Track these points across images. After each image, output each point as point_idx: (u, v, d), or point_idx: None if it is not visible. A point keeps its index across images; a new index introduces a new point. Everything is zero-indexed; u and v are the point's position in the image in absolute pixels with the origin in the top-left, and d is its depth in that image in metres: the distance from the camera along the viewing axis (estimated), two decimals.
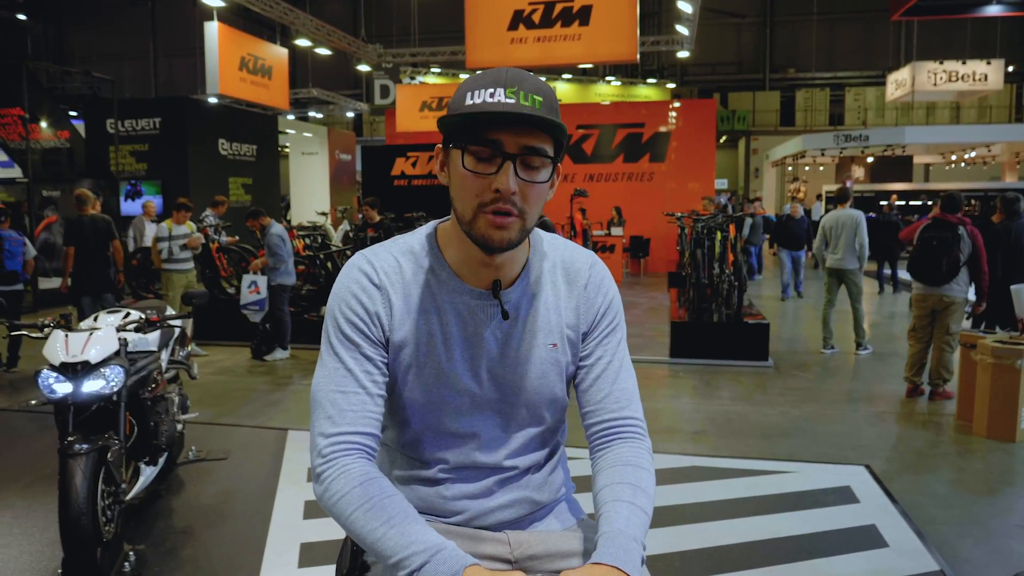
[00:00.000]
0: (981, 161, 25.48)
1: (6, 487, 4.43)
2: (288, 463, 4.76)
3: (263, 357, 7.89)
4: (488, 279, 1.26)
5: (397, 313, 1.26)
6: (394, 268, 1.28)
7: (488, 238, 1.18)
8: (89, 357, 3.35)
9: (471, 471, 1.31)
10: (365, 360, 1.24)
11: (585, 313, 1.34)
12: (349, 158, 23.42)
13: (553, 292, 1.33)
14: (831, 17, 28.49)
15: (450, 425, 1.29)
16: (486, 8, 9.71)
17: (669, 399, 6.32)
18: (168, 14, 31.08)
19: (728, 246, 8.53)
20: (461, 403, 1.28)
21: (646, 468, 1.27)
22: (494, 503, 1.32)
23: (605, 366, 1.33)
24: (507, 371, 1.29)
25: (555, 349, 1.31)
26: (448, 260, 1.28)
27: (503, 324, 1.28)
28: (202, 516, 4.00)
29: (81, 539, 3.08)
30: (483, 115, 1.12)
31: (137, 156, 15.34)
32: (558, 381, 1.32)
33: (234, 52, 14.21)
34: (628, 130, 16.36)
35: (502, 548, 1.30)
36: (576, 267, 1.35)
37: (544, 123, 1.14)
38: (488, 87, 1.14)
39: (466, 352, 1.27)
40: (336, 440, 1.20)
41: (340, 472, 1.17)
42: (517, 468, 1.33)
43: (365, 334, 1.24)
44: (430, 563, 1.06)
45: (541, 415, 1.33)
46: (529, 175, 1.17)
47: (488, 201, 1.16)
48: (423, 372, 1.26)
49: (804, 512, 3.90)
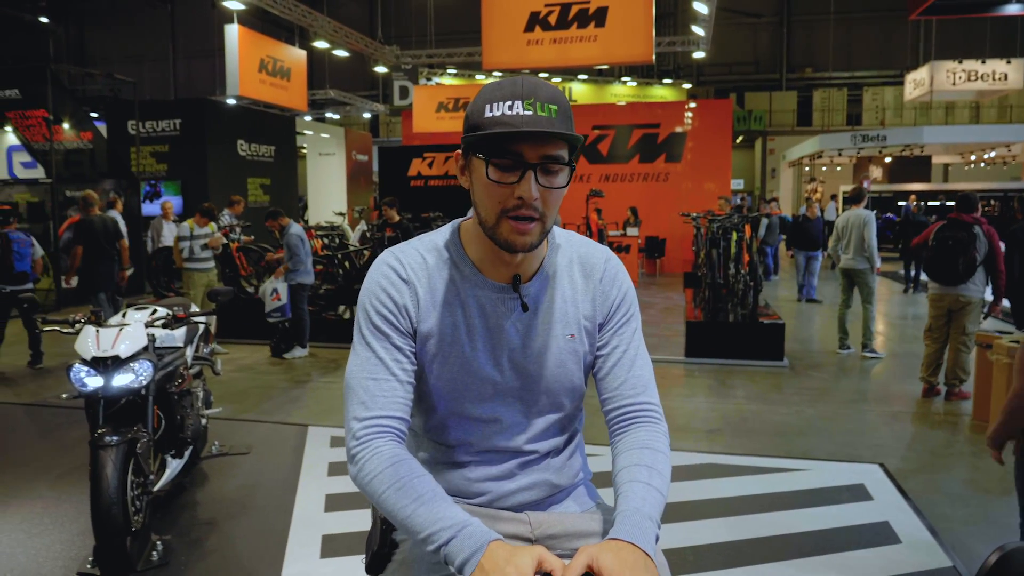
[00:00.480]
0: (1001, 161, 25.25)
1: (37, 479, 4.55)
2: (309, 458, 4.85)
3: (282, 355, 8.00)
4: (508, 274, 1.34)
5: (423, 305, 1.33)
6: (420, 264, 1.36)
7: (511, 242, 1.26)
8: (119, 352, 3.45)
9: (493, 454, 1.39)
10: (395, 349, 1.32)
11: (601, 305, 1.41)
12: (366, 159, 23.57)
13: (570, 285, 1.40)
14: (849, 16, 28.34)
15: (473, 411, 1.36)
16: (502, 10, 9.78)
17: (684, 398, 6.36)
18: (187, 16, 31.42)
19: (744, 246, 8.56)
20: (484, 390, 1.35)
21: (662, 451, 1.33)
22: (515, 485, 1.39)
23: (621, 355, 1.40)
24: (527, 360, 1.36)
25: (573, 339, 1.38)
26: (471, 256, 1.36)
27: (523, 316, 1.35)
28: (226, 508, 4.10)
29: (112, 528, 3.18)
30: (506, 134, 1.19)
31: (158, 157, 15.52)
32: (576, 370, 1.39)
33: (254, 54, 14.37)
34: (644, 130, 16.37)
35: (523, 527, 1.37)
36: (592, 261, 1.43)
37: (561, 135, 1.21)
38: (507, 99, 1.21)
39: (488, 343, 1.34)
40: (369, 423, 1.28)
41: (373, 453, 1.25)
42: (537, 452, 1.40)
43: (394, 325, 1.33)
44: (456, 538, 1.13)
45: (560, 402, 1.40)
46: (548, 181, 1.24)
47: (511, 207, 1.23)
48: (448, 361, 1.34)
49: (818, 509, 3.94)
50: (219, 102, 17.85)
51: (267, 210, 8.29)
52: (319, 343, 8.45)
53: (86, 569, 3.39)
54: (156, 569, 3.41)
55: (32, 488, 4.41)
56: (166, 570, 3.41)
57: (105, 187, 13.50)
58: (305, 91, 16.57)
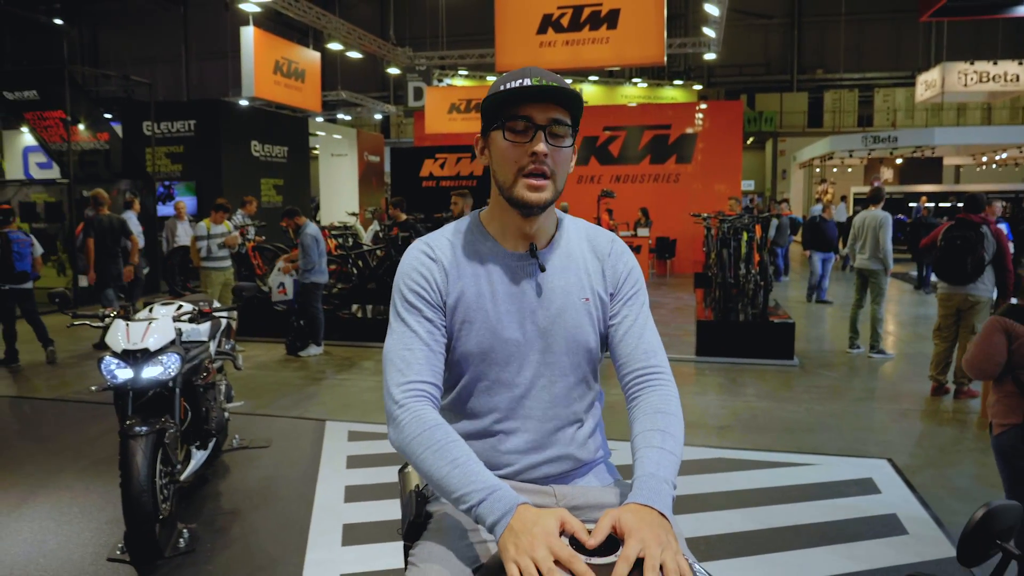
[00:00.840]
0: (1013, 162, 25.18)
1: (63, 470, 4.68)
2: (328, 451, 4.97)
3: (297, 353, 8.12)
4: (525, 244, 1.51)
5: (451, 278, 1.49)
6: (447, 244, 1.53)
7: (526, 199, 1.43)
8: (148, 345, 3.57)
9: (520, 421, 1.50)
10: (426, 322, 1.47)
11: (611, 278, 1.56)
12: (377, 159, 23.72)
13: (581, 256, 1.56)
14: (860, 17, 28.29)
15: (499, 373, 1.49)
16: (516, 12, 9.89)
17: (695, 395, 6.44)
18: (199, 18, 31.66)
19: (754, 246, 8.63)
20: (508, 351, 1.48)
21: (674, 413, 1.46)
22: (541, 458, 1.50)
23: (631, 323, 1.55)
24: (547, 320, 1.49)
25: (587, 303, 1.52)
26: (491, 232, 1.53)
27: (541, 279, 1.50)
28: (248, 499, 4.21)
29: (142, 514, 3.30)
30: (517, 91, 1.40)
31: (172, 157, 15.71)
32: (592, 332, 1.53)
33: (269, 56, 14.53)
34: (655, 132, 16.44)
35: (548, 499, 1.47)
36: (599, 240, 1.60)
37: (563, 95, 1.41)
38: (517, 78, 1.42)
39: (511, 306, 1.48)
40: (407, 387, 1.41)
41: (412, 417, 1.37)
42: (560, 418, 1.51)
43: (425, 299, 1.48)
44: (487, 500, 1.24)
45: (579, 363, 1.53)
46: (556, 142, 1.43)
47: (526, 164, 1.42)
48: (474, 326, 1.48)
49: (827, 501, 4.02)
50: (233, 103, 18.03)
51: (283, 209, 8.44)
52: (333, 342, 8.57)
53: (116, 555, 3.51)
54: (183, 556, 3.52)
55: (59, 479, 4.54)
56: (192, 557, 3.53)
57: (121, 187, 13.68)
58: (319, 92, 16.73)
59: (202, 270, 8.40)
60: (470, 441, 1.50)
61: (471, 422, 1.53)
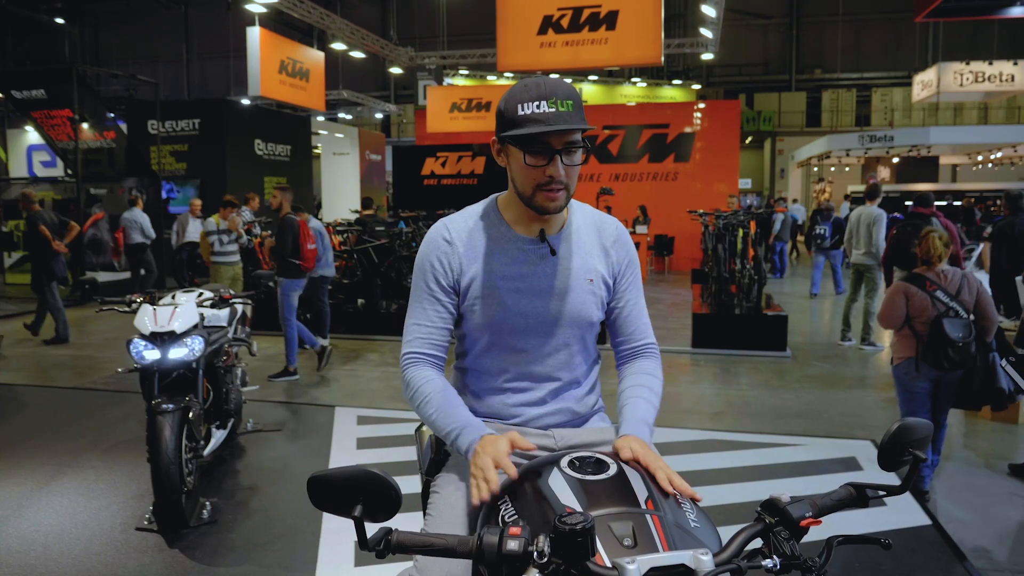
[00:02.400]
0: (1008, 162, 25.42)
1: (87, 451, 4.91)
2: (338, 434, 5.21)
3: (303, 345, 8.33)
4: (537, 230, 1.71)
5: (466, 261, 1.71)
6: (464, 227, 1.74)
7: (545, 207, 1.64)
8: (175, 328, 3.81)
9: (527, 381, 1.73)
10: (435, 301, 1.71)
11: (616, 263, 1.78)
12: (379, 158, 23.95)
13: (588, 241, 1.77)
14: (857, 18, 28.52)
15: (510, 341, 1.72)
16: (516, 14, 10.12)
17: (690, 384, 6.67)
18: (201, 17, 31.87)
19: (748, 242, 8.87)
20: (518, 323, 1.70)
21: (658, 376, 1.77)
22: (544, 410, 1.74)
23: (632, 306, 1.81)
24: (554, 298, 1.71)
25: (591, 284, 1.74)
26: (506, 219, 1.73)
27: (550, 262, 1.71)
28: (265, 476, 4.45)
29: (170, 485, 3.54)
30: (539, 133, 1.54)
31: (177, 156, 15.94)
32: (595, 310, 1.75)
33: (274, 56, 14.75)
34: (653, 131, 16.69)
35: (549, 440, 1.71)
36: (605, 227, 1.81)
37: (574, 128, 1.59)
38: (533, 100, 1.54)
39: (522, 284, 1.70)
40: (409, 356, 1.71)
41: (411, 377, 1.69)
42: (562, 380, 1.75)
43: (437, 281, 1.71)
44: (461, 434, 1.56)
45: (581, 335, 1.76)
46: (570, 160, 1.61)
47: (544, 183, 1.60)
48: (488, 302, 1.70)
49: (811, 477, 4.27)
50: (236, 102, 18.26)
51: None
52: (339, 334, 8.79)
53: (144, 524, 3.75)
54: (207, 526, 3.76)
55: (85, 460, 4.77)
56: (216, 527, 3.76)
57: (127, 185, 13.91)
58: (323, 92, 16.95)
59: (212, 265, 8.62)
60: (484, 395, 1.75)
61: (484, 380, 1.76)
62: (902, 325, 4.04)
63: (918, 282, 4.02)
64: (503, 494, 1.42)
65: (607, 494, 1.33)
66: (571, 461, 1.42)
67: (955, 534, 3.61)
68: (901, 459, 1.34)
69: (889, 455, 1.33)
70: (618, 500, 1.31)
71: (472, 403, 1.77)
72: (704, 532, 1.34)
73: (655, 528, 1.26)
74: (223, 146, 15.65)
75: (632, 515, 1.28)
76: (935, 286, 3.97)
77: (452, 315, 1.73)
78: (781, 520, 1.27)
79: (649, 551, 1.20)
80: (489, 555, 1.11)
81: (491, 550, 1.11)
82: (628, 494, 1.34)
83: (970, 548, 3.49)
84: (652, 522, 1.27)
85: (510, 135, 1.58)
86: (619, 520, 1.26)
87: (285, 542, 3.61)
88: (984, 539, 3.60)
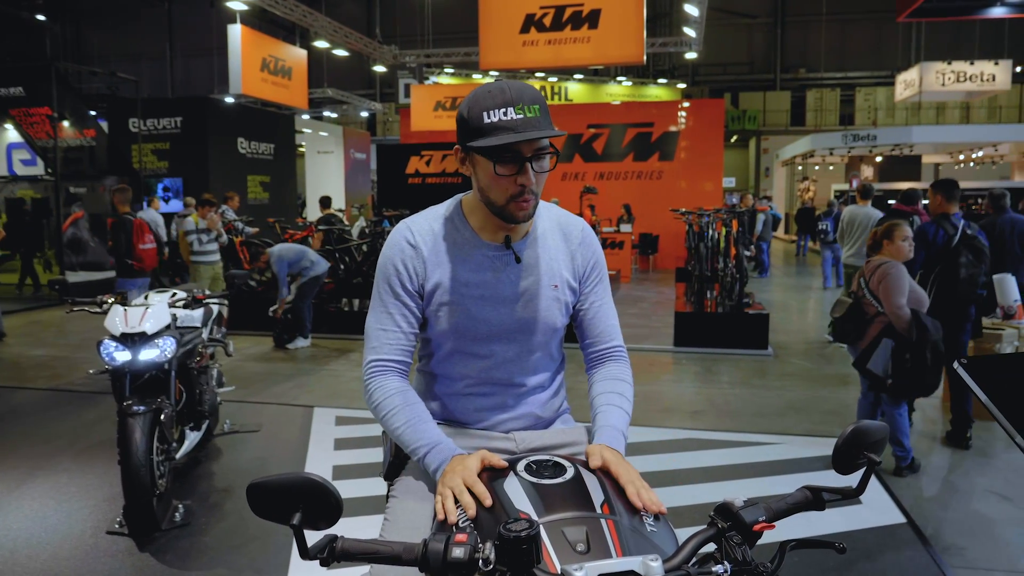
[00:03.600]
0: (990, 160, 25.64)
1: (61, 453, 4.85)
2: (316, 434, 5.16)
3: (285, 345, 8.28)
4: (502, 236, 1.67)
5: (429, 266, 1.66)
6: (429, 230, 1.68)
7: (516, 218, 1.59)
8: (146, 328, 3.75)
9: (490, 386, 1.70)
10: (401, 305, 1.65)
11: (580, 265, 1.75)
12: (364, 157, 23.87)
13: (554, 245, 1.73)
14: (841, 18, 28.71)
15: (474, 348, 1.68)
16: (499, 12, 10.09)
17: (671, 383, 6.67)
18: (184, 15, 31.66)
19: (731, 240, 8.88)
20: (481, 330, 1.67)
21: (629, 382, 1.72)
22: (508, 415, 1.71)
23: (598, 308, 1.77)
24: (519, 306, 1.67)
25: (556, 289, 1.71)
26: (471, 223, 1.68)
27: (515, 269, 1.67)
28: (240, 477, 4.40)
29: (141, 488, 3.49)
30: (508, 144, 1.50)
31: (159, 154, 15.79)
32: (560, 316, 1.72)
33: (256, 54, 14.65)
34: (638, 129, 16.71)
35: (510, 444, 1.68)
36: (570, 228, 1.77)
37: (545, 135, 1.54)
38: (499, 107, 1.48)
39: (486, 291, 1.66)
40: (374, 364, 1.64)
41: (378, 386, 1.62)
42: (526, 385, 1.72)
43: (403, 284, 1.65)
44: (431, 452, 1.52)
45: (545, 341, 1.73)
46: (540, 167, 1.57)
47: (517, 193, 1.56)
48: (452, 308, 1.65)
49: (789, 476, 4.27)
50: (219, 100, 18.12)
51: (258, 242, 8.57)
52: (321, 334, 8.73)
53: (115, 528, 3.69)
54: (179, 528, 3.71)
55: (57, 462, 4.70)
56: (188, 529, 3.72)
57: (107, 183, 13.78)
58: (306, 90, 16.87)
59: (191, 264, 8.55)
60: (446, 401, 1.72)
61: (447, 384, 1.72)
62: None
63: None
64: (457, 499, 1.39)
65: (562, 498, 1.31)
66: (528, 465, 1.40)
67: (930, 532, 3.62)
68: (856, 462, 1.32)
69: (843, 458, 1.31)
70: (573, 504, 1.29)
71: (434, 407, 1.73)
72: (661, 537, 1.32)
73: (609, 533, 1.24)
74: (206, 144, 15.51)
75: (586, 520, 1.26)
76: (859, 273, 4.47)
77: (418, 319, 1.68)
78: (734, 524, 1.25)
79: (603, 556, 1.18)
80: (435, 562, 1.09)
81: (436, 557, 1.09)
82: (583, 498, 1.32)
83: (945, 546, 3.50)
84: (607, 527, 1.25)
85: (479, 145, 1.51)
86: (573, 525, 1.24)
87: (258, 545, 3.57)
88: (959, 536, 3.60)
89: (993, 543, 3.58)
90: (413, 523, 1.53)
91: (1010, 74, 21.32)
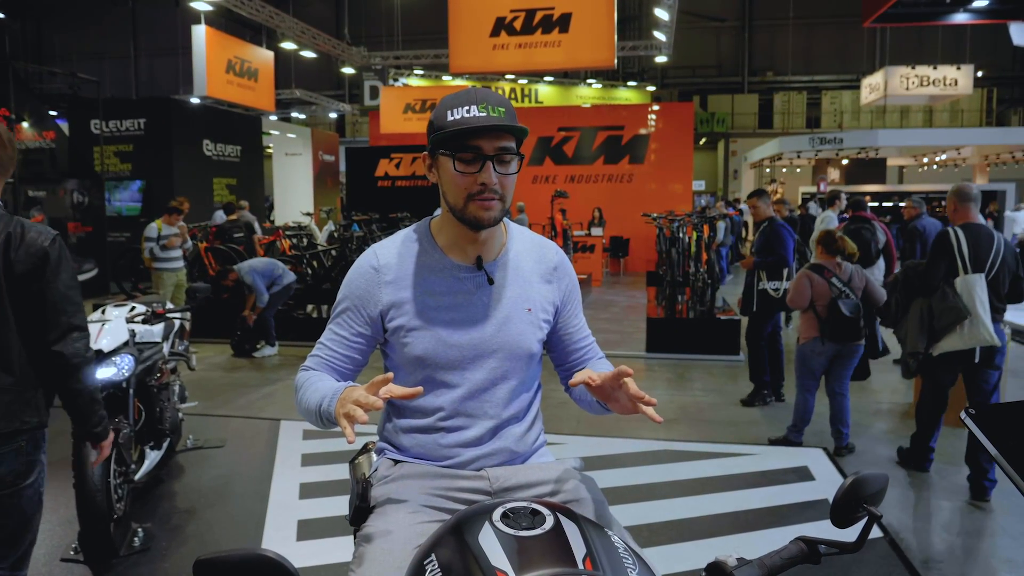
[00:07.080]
0: (952, 163, 26.08)
1: None
2: (283, 450, 5.02)
3: (252, 354, 8.10)
4: (473, 256, 1.61)
5: (393, 289, 1.60)
6: (395, 253, 1.64)
7: (478, 218, 1.53)
8: (102, 346, 3.60)
9: (463, 419, 1.61)
10: (349, 327, 1.65)
11: (559, 292, 1.71)
12: (332, 159, 23.59)
13: (528, 267, 1.67)
14: (808, 22, 29.03)
15: (445, 377, 1.60)
16: (469, 15, 9.99)
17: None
18: (149, 14, 31.06)
19: (703, 245, 8.87)
20: (453, 356, 1.59)
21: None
22: (481, 451, 1.62)
23: (577, 334, 1.77)
24: (492, 330, 1.60)
25: (530, 313, 1.64)
26: (440, 244, 1.63)
27: (487, 291, 1.61)
28: (203, 497, 4.26)
29: (96, 514, 3.33)
30: (467, 130, 1.48)
31: (121, 156, 15.43)
32: (533, 339, 1.65)
33: (221, 55, 14.37)
34: (608, 132, 16.71)
35: (483, 483, 1.59)
36: (545, 253, 1.72)
37: (510, 128, 1.51)
38: (463, 105, 1.49)
39: (457, 315, 1.59)
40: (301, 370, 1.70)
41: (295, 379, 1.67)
42: (501, 417, 1.63)
43: (357, 307, 1.63)
44: (327, 400, 1.50)
45: (519, 367, 1.65)
46: (503, 169, 1.53)
47: (476, 192, 1.51)
48: (421, 334, 1.58)
49: (764, 489, 4.23)
50: (184, 101, 17.77)
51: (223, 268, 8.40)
52: (288, 342, 8.55)
53: (70, 555, 3.54)
54: (138, 554, 3.57)
55: None
56: (148, 555, 3.57)
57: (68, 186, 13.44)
58: (272, 92, 16.59)
59: (154, 271, 8.32)
60: (415, 435, 1.63)
61: (416, 419, 1.63)
62: (807, 307, 4.81)
63: (818, 270, 4.83)
64: (430, 552, 1.30)
65: (541, 553, 1.22)
66: (504, 513, 1.31)
67: (906, 546, 3.60)
68: (855, 516, 1.25)
69: (842, 512, 1.24)
70: (553, 559, 1.21)
71: (403, 442, 1.65)
72: None
73: None
74: (170, 147, 15.19)
75: None
76: (831, 274, 4.80)
77: (364, 346, 1.66)
78: None
79: None
80: None
81: None
82: (564, 552, 1.23)
83: (921, 560, 3.48)
84: None
85: (438, 136, 1.50)
86: None
87: None
88: (935, 550, 3.59)
89: (971, 557, 3.57)
90: (380, 573, 1.43)
91: (972, 79, 21.70)
